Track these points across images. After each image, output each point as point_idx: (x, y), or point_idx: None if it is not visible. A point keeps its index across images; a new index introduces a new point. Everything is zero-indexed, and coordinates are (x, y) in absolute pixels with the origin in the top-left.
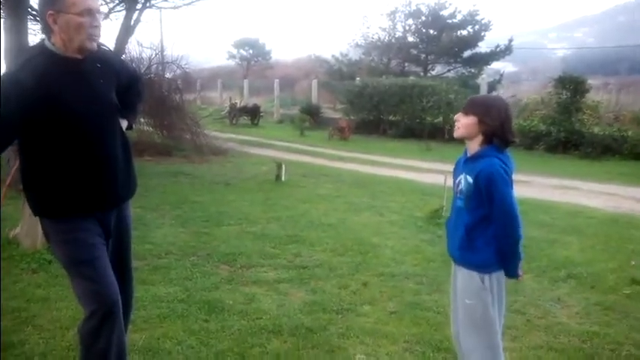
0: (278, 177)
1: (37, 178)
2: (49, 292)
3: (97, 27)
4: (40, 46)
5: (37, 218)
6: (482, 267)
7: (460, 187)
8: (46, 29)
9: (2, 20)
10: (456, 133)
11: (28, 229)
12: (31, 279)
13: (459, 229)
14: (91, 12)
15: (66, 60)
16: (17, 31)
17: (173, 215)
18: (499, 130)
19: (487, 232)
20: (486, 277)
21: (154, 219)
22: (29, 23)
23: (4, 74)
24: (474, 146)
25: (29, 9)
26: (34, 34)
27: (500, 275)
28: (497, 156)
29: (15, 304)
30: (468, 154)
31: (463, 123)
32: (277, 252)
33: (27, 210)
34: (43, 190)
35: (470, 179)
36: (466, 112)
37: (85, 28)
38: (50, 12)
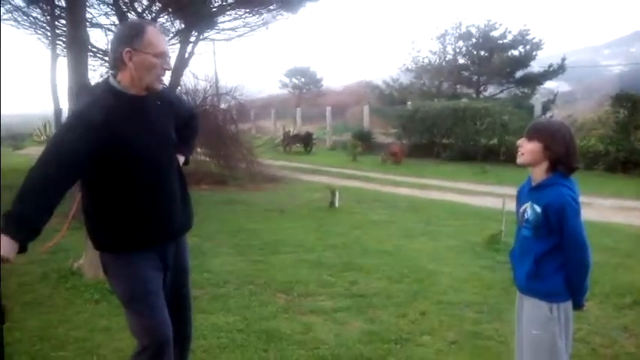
0: (332, 203)
1: (98, 213)
2: (111, 322)
3: (168, 69)
4: (105, 83)
5: None
6: (550, 296)
7: (526, 217)
8: (117, 65)
9: (66, 58)
10: (520, 160)
11: (90, 260)
12: (94, 309)
13: (526, 259)
14: (164, 55)
15: (129, 97)
16: (78, 67)
17: (230, 244)
18: (564, 157)
19: (555, 261)
20: (554, 306)
21: (212, 248)
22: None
23: (71, 113)
24: (538, 173)
25: (90, 46)
26: (94, 70)
27: (568, 305)
28: (564, 184)
29: (79, 334)
30: (533, 182)
31: (527, 149)
32: (334, 280)
33: (89, 242)
34: (103, 225)
35: (538, 209)
36: (530, 138)
37: (157, 69)
38: (128, 49)
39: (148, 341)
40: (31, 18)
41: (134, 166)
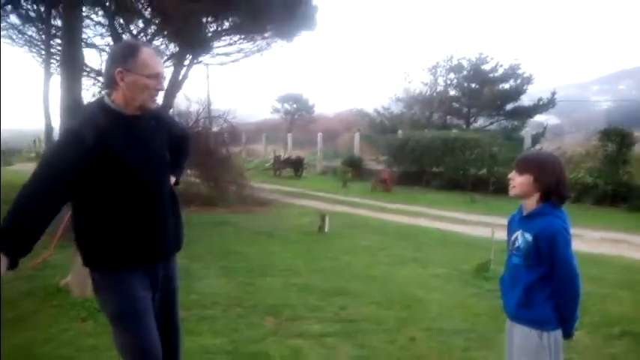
0: (321, 228)
1: (90, 231)
2: (97, 341)
3: (161, 90)
4: (99, 102)
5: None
6: (540, 324)
7: (517, 245)
8: (110, 85)
9: (60, 76)
10: (512, 192)
11: (78, 277)
12: (81, 327)
13: (516, 287)
14: (158, 76)
15: (124, 117)
16: (72, 86)
17: (218, 265)
18: (554, 187)
19: (546, 289)
20: (545, 334)
21: (200, 269)
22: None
23: (64, 130)
24: (530, 204)
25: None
26: (86, 89)
27: (558, 334)
28: (556, 214)
29: (65, 352)
30: (524, 212)
31: (518, 182)
32: (322, 304)
33: (77, 259)
34: (94, 243)
35: (529, 237)
36: (520, 171)
37: (150, 89)
38: (120, 70)
39: None
40: (26, 36)
41: (126, 184)
